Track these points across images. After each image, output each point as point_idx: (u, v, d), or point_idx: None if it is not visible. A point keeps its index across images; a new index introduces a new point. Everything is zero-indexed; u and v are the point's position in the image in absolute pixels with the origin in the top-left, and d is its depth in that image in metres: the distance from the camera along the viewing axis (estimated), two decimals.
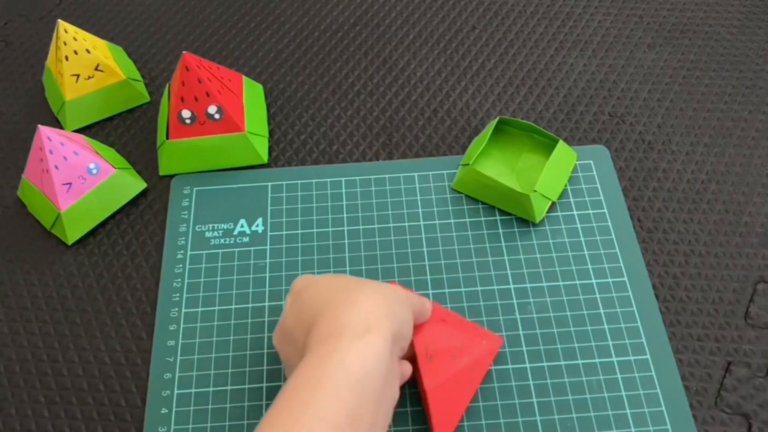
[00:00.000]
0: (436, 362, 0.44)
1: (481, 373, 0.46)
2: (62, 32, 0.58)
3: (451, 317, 0.46)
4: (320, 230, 0.54)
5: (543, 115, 0.61)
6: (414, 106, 0.62)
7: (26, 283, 0.52)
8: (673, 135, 0.59)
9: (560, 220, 0.54)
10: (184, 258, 0.53)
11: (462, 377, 0.44)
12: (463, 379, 0.44)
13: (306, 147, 0.59)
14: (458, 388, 0.44)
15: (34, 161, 0.53)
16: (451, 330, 0.45)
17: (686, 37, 0.67)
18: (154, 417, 0.46)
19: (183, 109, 0.55)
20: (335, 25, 0.69)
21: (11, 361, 0.49)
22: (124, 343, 0.49)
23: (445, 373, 0.44)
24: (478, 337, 0.46)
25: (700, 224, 0.54)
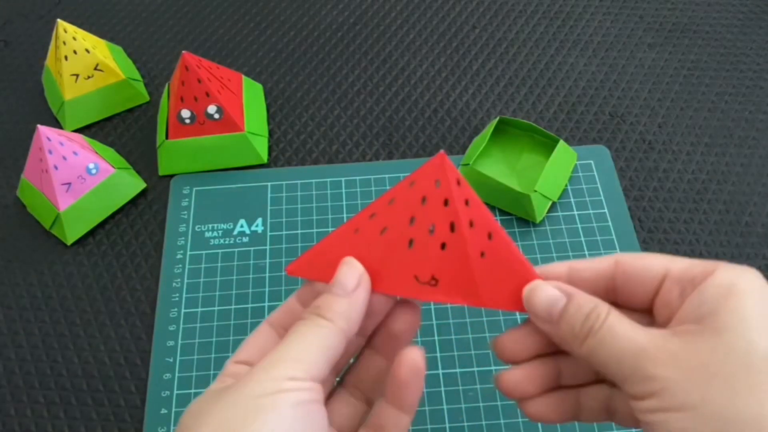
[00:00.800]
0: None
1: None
2: (61, 32, 0.58)
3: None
4: (320, 230, 0.54)
5: (543, 114, 0.61)
6: (414, 106, 0.62)
7: (25, 283, 0.52)
8: (673, 135, 0.59)
9: (561, 220, 0.54)
10: (184, 258, 0.52)
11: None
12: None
13: (306, 147, 0.59)
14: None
15: (34, 161, 0.53)
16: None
17: (687, 36, 0.67)
18: (154, 417, 0.46)
19: (182, 108, 0.55)
20: (335, 25, 0.69)
21: (10, 361, 0.49)
22: (124, 344, 0.49)
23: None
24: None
25: (701, 224, 0.54)
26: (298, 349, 0.27)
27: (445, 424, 0.45)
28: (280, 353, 0.27)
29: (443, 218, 0.29)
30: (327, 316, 0.28)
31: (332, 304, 0.29)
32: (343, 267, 0.30)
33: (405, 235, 0.29)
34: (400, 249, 0.29)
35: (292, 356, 0.27)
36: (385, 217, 0.30)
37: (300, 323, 0.28)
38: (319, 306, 0.29)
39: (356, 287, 0.29)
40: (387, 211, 0.30)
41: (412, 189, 0.30)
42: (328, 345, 0.28)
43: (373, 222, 0.30)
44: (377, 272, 0.30)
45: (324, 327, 0.28)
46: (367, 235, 0.30)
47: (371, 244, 0.30)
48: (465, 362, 0.47)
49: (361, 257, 0.30)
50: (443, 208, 0.29)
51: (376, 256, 0.30)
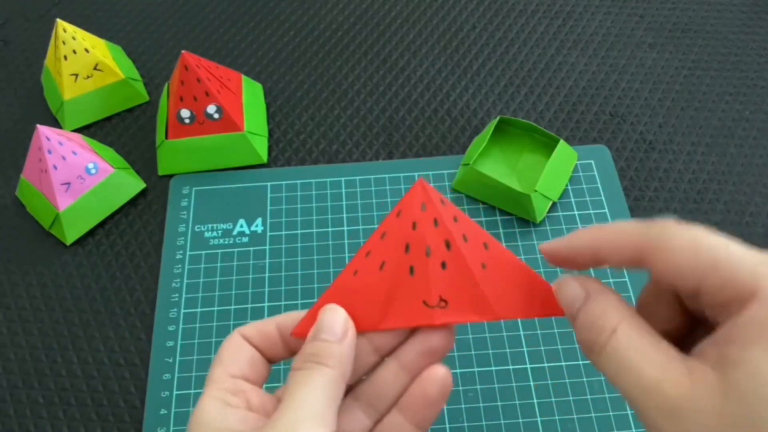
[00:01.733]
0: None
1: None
2: (61, 31, 0.58)
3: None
4: (320, 230, 0.54)
5: (544, 114, 0.61)
6: (414, 106, 0.62)
7: (24, 283, 0.52)
8: (674, 135, 0.59)
9: (561, 220, 0.53)
10: (183, 258, 0.52)
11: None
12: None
13: (306, 147, 0.59)
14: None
15: (33, 161, 0.53)
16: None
17: (687, 36, 0.66)
18: (153, 418, 0.46)
19: (182, 108, 0.55)
20: (335, 25, 0.68)
21: (9, 362, 0.49)
22: (123, 344, 0.49)
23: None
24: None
25: (702, 224, 0.54)
26: (313, 402, 0.27)
27: (445, 424, 0.45)
28: (296, 411, 0.26)
29: (437, 238, 0.29)
30: (328, 363, 0.28)
31: (328, 350, 0.28)
32: (328, 313, 0.29)
33: (404, 263, 0.29)
34: (403, 279, 0.29)
35: (308, 413, 0.26)
36: (380, 252, 0.30)
37: (301, 373, 0.28)
38: (316, 354, 0.28)
39: (345, 332, 0.29)
40: (381, 246, 0.30)
41: (400, 218, 0.30)
42: (335, 393, 0.27)
43: (370, 260, 0.30)
44: (386, 307, 0.29)
45: (327, 375, 0.27)
46: (367, 274, 0.30)
47: (373, 282, 0.29)
48: (465, 363, 0.47)
49: (366, 297, 0.29)
50: (434, 228, 0.29)
51: (382, 293, 0.29)
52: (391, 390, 0.30)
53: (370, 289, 0.29)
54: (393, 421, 0.29)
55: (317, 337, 0.28)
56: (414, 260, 0.29)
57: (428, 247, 0.29)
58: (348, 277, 0.30)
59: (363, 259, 0.30)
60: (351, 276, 0.30)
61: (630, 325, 0.26)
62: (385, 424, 0.30)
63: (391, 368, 0.30)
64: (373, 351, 0.30)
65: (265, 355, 0.31)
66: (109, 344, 0.49)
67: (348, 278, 0.30)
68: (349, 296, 0.30)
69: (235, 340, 0.30)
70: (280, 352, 0.31)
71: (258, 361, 0.30)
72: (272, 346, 0.30)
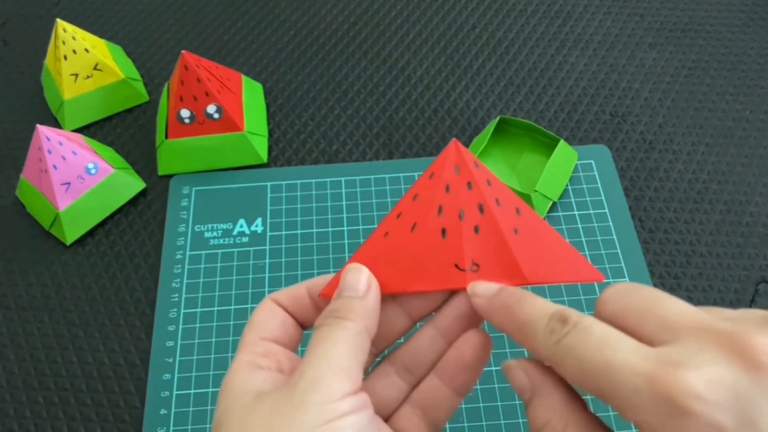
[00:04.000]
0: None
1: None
2: (61, 31, 0.57)
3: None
4: (320, 230, 0.54)
5: (544, 114, 0.60)
6: (414, 106, 0.62)
7: (24, 283, 0.52)
8: (674, 135, 0.59)
9: (561, 220, 0.53)
10: (183, 258, 0.52)
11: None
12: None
13: (306, 147, 0.59)
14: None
15: (33, 161, 0.53)
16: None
17: (687, 36, 0.66)
18: (153, 418, 0.45)
19: (182, 108, 0.55)
20: (335, 24, 0.68)
21: (9, 362, 0.49)
22: (123, 344, 0.49)
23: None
24: None
25: (702, 224, 0.54)
26: (335, 357, 0.26)
27: None
28: (318, 366, 0.26)
29: (470, 202, 0.29)
30: (350, 318, 0.27)
31: (349, 306, 0.28)
32: (351, 272, 0.29)
33: (436, 226, 0.29)
34: (435, 241, 0.29)
35: (334, 367, 0.26)
36: (412, 214, 0.29)
37: (323, 329, 0.27)
38: (338, 309, 0.28)
39: (368, 289, 0.28)
40: (413, 208, 0.29)
41: (432, 181, 0.29)
42: (359, 346, 0.27)
43: (401, 221, 0.29)
44: (416, 270, 0.29)
45: (350, 329, 0.27)
46: (399, 235, 0.29)
47: (404, 244, 0.29)
48: None
49: (396, 259, 0.29)
50: (468, 192, 0.29)
51: (412, 255, 0.29)
52: (427, 355, 0.29)
53: (400, 251, 0.29)
54: (431, 385, 0.29)
55: (340, 295, 0.28)
56: (447, 223, 0.29)
57: (461, 211, 0.29)
58: (378, 239, 0.30)
59: (394, 220, 0.30)
60: (381, 237, 0.30)
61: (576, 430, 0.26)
62: (423, 388, 0.30)
63: (427, 333, 0.30)
64: (406, 316, 0.30)
65: (297, 319, 0.30)
66: (109, 344, 0.49)
67: (378, 239, 0.30)
68: (378, 257, 0.29)
69: (267, 305, 0.30)
70: (311, 316, 0.30)
71: (290, 324, 0.30)
72: (304, 309, 0.30)
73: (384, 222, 0.30)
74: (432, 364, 0.30)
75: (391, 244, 0.29)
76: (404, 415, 0.29)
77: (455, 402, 0.29)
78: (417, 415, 0.29)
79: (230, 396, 0.27)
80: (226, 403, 0.27)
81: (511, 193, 0.30)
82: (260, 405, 0.26)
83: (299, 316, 0.30)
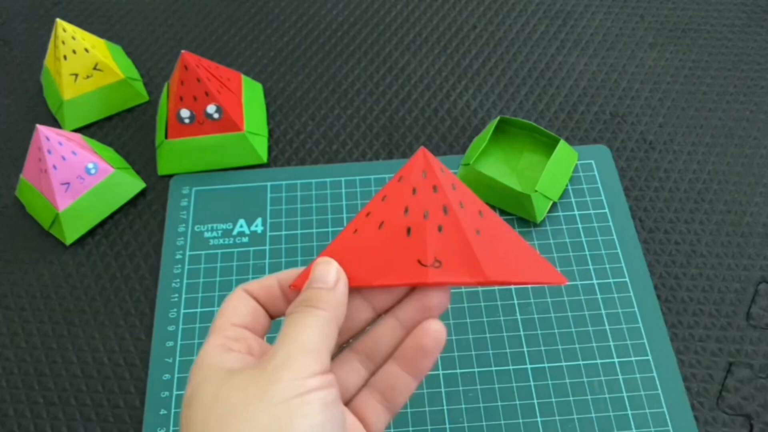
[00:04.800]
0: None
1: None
2: (60, 31, 0.57)
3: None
4: (320, 230, 0.54)
5: (544, 114, 0.60)
6: (414, 106, 0.62)
7: (24, 283, 0.52)
8: (674, 135, 0.59)
9: (561, 220, 0.53)
10: (183, 258, 0.52)
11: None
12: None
13: (306, 147, 0.59)
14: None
15: (33, 161, 0.53)
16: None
17: (688, 36, 0.66)
18: (153, 418, 0.45)
19: (182, 108, 0.55)
20: (335, 25, 0.68)
21: (9, 362, 0.49)
22: (123, 344, 0.49)
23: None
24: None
25: (702, 224, 0.54)
26: (306, 340, 0.29)
27: (445, 424, 0.45)
28: (291, 347, 0.28)
29: (435, 203, 0.31)
30: (320, 306, 0.29)
31: (320, 296, 0.30)
32: (321, 265, 0.31)
33: (402, 224, 0.31)
34: (400, 238, 0.30)
35: (304, 348, 0.28)
36: (380, 213, 0.31)
37: (295, 315, 0.29)
38: (309, 299, 0.30)
39: (337, 281, 0.30)
40: (381, 208, 0.31)
41: (401, 183, 0.31)
42: (327, 332, 0.29)
43: (370, 219, 0.31)
44: (382, 265, 0.31)
45: (319, 316, 0.29)
46: (366, 232, 0.31)
47: (371, 240, 0.31)
48: (465, 363, 0.47)
49: (364, 254, 0.31)
50: (433, 194, 0.31)
51: (379, 251, 0.31)
52: (387, 343, 0.32)
53: (367, 247, 0.31)
54: (389, 371, 0.32)
55: (310, 286, 0.30)
56: (412, 222, 0.31)
57: (426, 211, 0.31)
58: (348, 235, 0.31)
59: (363, 219, 0.31)
60: (351, 234, 0.31)
61: None
62: (382, 374, 0.32)
63: (388, 323, 0.32)
64: (370, 308, 0.32)
65: (267, 309, 0.32)
66: (109, 344, 0.49)
67: (348, 236, 0.31)
68: (347, 253, 0.31)
69: (238, 294, 0.32)
70: (280, 306, 0.32)
71: (260, 313, 0.32)
72: (273, 300, 0.32)
73: (354, 220, 0.32)
74: (391, 352, 0.32)
75: (360, 241, 0.31)
76: (363, 399, 0.32)
77: (412, 386, 0.32)
78: (375, 398, 0.32)
79: (202, 372, 0.29)
80: (197, 380, 0.29)
81: (475, 197, 0.32)
82: (233, 379, 0.28)
83: (269, 307, 0.32)
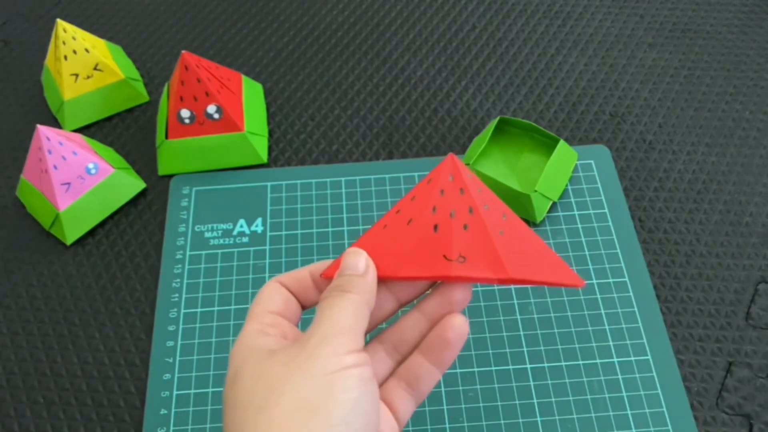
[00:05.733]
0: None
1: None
2: (61, 32, 0.58)
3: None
4: (320, 230, 0.54)
5: (544, 114, 0.61)
6: (414, 106, 0.62)
7: (24, 283, 0.52)
8: (674, 135, 0.59)
9: (561, 220, 0.53)
10: (183, 258, 0.52)
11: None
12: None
13: (306, 147, 0.59)
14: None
15: (33, 161, 0.53)
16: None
17: (687, 36, 0.66)
18: (153, 418, 0.46)
19: (182, 108, 0.55)
20: (335, 25, 0.68)
21: (9, 362, 0.49)
22: (123, 344, 0.49)
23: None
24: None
25: (702, 224, 0.54)
26: (342, 320, 0.31)
27: (445, 424, 0.45)
28: (329, 327, 0.30)
29: (462, 204, 0.32)
30: (353, 291, 0.31)
31: (352, 281, 0.32)
32: (351, 255, 0.33)
33: (429, 222, 0.32)
34: (427, 234, 0.32)
35: (341, 328, 0.30)
36: (409, 211, 0.33)
37: (330, 299, 0.31)
38: (342, 285, 0.32)
39: (366, 269, 0.32)
40: (410, 206, 0.33)
41: (430, 185, 0.33)
42: (361, 314, 0.31)
43: (400, 216, 0.33)
44: (409, 258, 0.32)
45: (352, 300, 0.31)
46: (396, 228, 0.33)
47: (400, 235, 0.33)
48: (465, 363, 0.47)
49: (393, 248, 0.33)
50: (460, 196, 0.33)
51: (407, 245, 0.33)
52: (412, 335, 0.34)
53: (396, 241, 0.33)
54: (415, 361, 0.34)
55: (342, 273, 0.32)
56: (439, 220, 0.33)
57: (453, 210, 0.33)
58: (378, 230, 0.34)
59: (393, 215, 0.34)
60: (381, 229, 0.34)
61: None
62: (408, 364, 0.34)
63: (413, 316, 0.34)
64: (394, 300, 0.34)
65: (299, 299, 0.34)
66: (109, 344, 0.49)
67: (378, 230, 0.34)
68: (377, 246, 0.33)
69: (272, 285, 0.34)
70: (311, 296, 0.34)
71: (293, 303, 0.34)
72: (305, 290, 0.34)
73: (385, 217, 0.34)
74: (415, 344, 0.34)
75: (389, 235, 0.33)
76: (391, 387, 0.34)
77: (436, 376, 0.34)
78: (401, 387, 0.34)
79: (244, 352, 0.31)
80: (240, 358, 0.31)
81: (500, 201, 0.34)
82: (275, 357, 0.30)
83: (300, 296, 0.34)
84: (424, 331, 0.34)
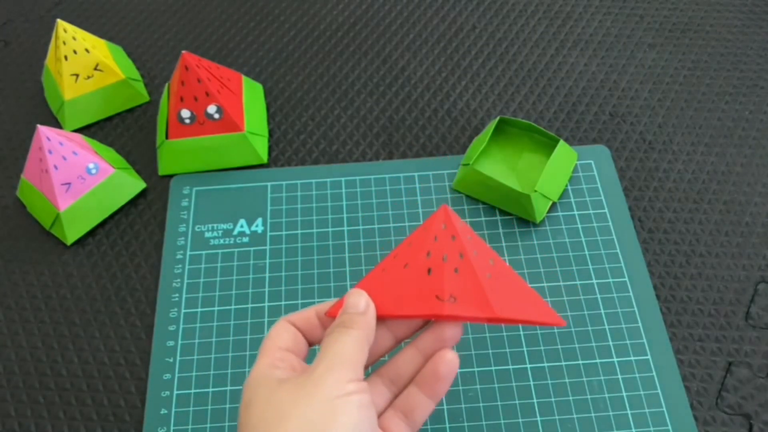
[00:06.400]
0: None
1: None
2: (61, 32, 0.58)
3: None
4: (320, 230, 0.54)
5: (543, 114, 0.61)
6: (414, 106, 0.62)
7: (25, 283, 0.52)
8: (674, 135, 0.59)
9: (561, 220, 0.54)
10: (184, 258, 0.52)
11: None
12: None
13: (306, 147, 0.59)
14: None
15: (33, 161, 0.53)
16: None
17: (687, 36, 0.66)
18: (154, 418, 0.46)
19: (182, 108, 0.55)
20: (335, 25, 0.68)
21: (10, 362, 0.49)
22: (123, 344, 0.49)
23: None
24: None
25: (701, 224, 0.54)
26: (345, 352, 0.34)
27: (445, 424, 0.45)
28: (332, 358, 0.33)
29: (453, 249, 0.36)
30: (354, 327, 0.35)
31: (353, 318, 0.35)
32: (353, 295, 0.36)
33: (424, 265, 0.36)
34: (422, 277, 0.36)
35: (344, 359, 0.33)
36: (406, 256, 0.37)
37: (335, 334, 0.35)
38: (344, 321, 0.35)
39: (367, 307, 0.36)
40: (407, 251, 0.37)
41: (425, 232, 0.37)
42: (361, 348, 0.34)
43: (397, 260, 0.37)
44: (405, 298, 0.36)
45: (354, 335, 0.34)
46: (393, 271, 0.36)
47: (397, 278, 0.36)
48: (465, 363, 0.47)
49: (390, 289, 0.36)
50: (452, 242, 0.36)
51: (402, 286, 0.36)
52: (408, 369, 0.37)
53: (393, 283, 0.36)
54: (410, 393, 0.36)
55: (345, 311, 0.36)
56: (432, 264, 0.36)
57: (445, 255, 0.36)
58: (378, 273, 0.37)
59: (392, 260, 0.37)
60: (380, 272, 0.37)
61: None
62: (404, 395, 0.37)
63: (409, 352, 0.37)
64: (392, 337, 0.37)
65: (306, 336, 0.37)
66: (110, 344, 0.49)
67: (377, 274, 0.37)
68: (376, 287, 0.36)
69: (282, 324, 0.37)
70: (317, 334, 0.37)
71: (300, 340, 0.37)
72: (312, 328, 0.37)
73: (383, 261, 0.37)
74: (411, 377, 0.37)
75: (387, 278, 0.37)
76: (389, 417, 0.37)
77: (430, 406, 0.36)
78: (398, 417, 0.36)
79: (257, 382, 0.34)
80: (253, 387, 0.34)
81: (488, 247, 0.38)
82: (284, 385, 0.33)
83: (307, 334, 0.37)
84: (419, 366, 0.37)
